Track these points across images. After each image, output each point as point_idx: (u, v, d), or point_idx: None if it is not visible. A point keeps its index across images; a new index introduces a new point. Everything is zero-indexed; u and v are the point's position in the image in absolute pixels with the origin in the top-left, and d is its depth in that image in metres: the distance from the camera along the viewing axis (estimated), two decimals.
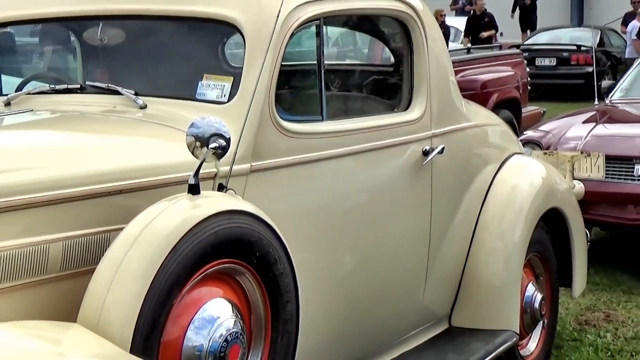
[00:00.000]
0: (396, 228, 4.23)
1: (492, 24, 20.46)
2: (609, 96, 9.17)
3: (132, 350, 2.72)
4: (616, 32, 21.52)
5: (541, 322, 5.15)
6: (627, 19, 20.43)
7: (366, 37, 6.11)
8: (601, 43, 20.40)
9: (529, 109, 12.30)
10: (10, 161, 3.03)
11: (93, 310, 2.78)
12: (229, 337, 2.97)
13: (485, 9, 20.58)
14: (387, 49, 5.09)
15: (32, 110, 3.77)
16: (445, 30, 18.31)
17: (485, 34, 19.96)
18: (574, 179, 5.91)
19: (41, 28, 4.48)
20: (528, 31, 23.34)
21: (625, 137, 7.82)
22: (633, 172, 7.24)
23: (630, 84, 9.28)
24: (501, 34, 21.47)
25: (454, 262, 4.69)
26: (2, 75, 4.30)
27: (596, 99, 9.21)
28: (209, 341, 2.94)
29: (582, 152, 6.83)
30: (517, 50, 13.87)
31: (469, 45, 16.42)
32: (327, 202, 3.83)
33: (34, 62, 4.82)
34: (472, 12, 21.37)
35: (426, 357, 4.39)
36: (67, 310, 2.86)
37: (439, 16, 18.30)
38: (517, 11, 23.59)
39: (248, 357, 3.15)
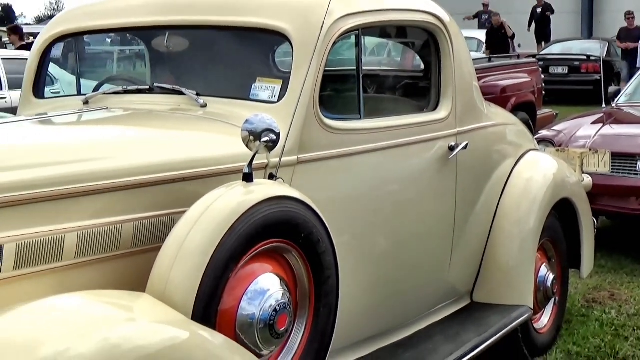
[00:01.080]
0: (425, 214, 4.22)
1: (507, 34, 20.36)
2: (615, 100, 9.09)
3: (194, 318, 2.74)
4: None
5: (553, 299, 5.13)
6: (620, 34, 20.19)
7: (399, 46, 6.08)
8: (608, 54, 20.19)
9: (543, 112, 12.23)
10: (89, 151, 3.07)
11: (159, 282, 2.81)
12: (277, 307, 2.98)
13: (502, 22, 20.40)
14: (417, 56, 5.08)
15: (107, 108, 3.80)
16: None
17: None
18: (583, 173, 5.89)
19: (115, 37, 4.51)
20: (543, 43, 23.17)
21: (629, 136, 7.75)
22: (636, 167, 7.19)
23: (634, 90, 9.20)
24: (519, 45, 21.32)
25: (475, 244, 4.68)
26: (81, 79, 4.35)
27: (603, 103, 9.13)
28: (260, 310, 2.94)
29: (590, 150, 6.79)
30: (533, 60, 13.77)
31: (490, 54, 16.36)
32: (364, 190, 3.83)
33: (109, 67, 4.85)
34: (490, 25, 21.23)
35: (450, 329, 4.37)
36: (137, 282, 2.88)
37: None
38: (534, 25, 23.43)
39: (294, 325, 3.16)
